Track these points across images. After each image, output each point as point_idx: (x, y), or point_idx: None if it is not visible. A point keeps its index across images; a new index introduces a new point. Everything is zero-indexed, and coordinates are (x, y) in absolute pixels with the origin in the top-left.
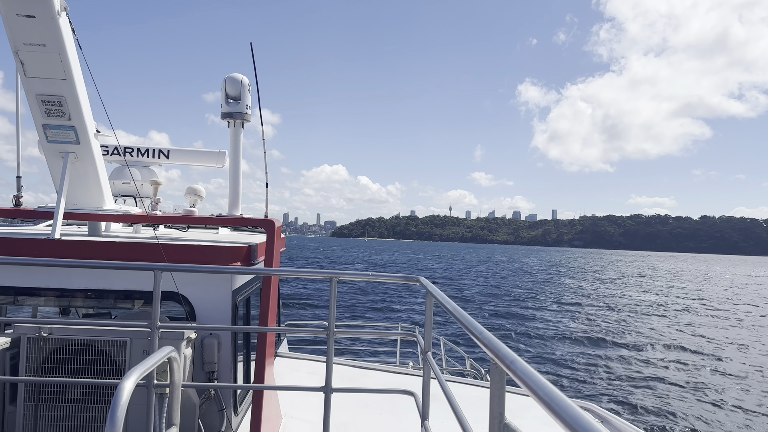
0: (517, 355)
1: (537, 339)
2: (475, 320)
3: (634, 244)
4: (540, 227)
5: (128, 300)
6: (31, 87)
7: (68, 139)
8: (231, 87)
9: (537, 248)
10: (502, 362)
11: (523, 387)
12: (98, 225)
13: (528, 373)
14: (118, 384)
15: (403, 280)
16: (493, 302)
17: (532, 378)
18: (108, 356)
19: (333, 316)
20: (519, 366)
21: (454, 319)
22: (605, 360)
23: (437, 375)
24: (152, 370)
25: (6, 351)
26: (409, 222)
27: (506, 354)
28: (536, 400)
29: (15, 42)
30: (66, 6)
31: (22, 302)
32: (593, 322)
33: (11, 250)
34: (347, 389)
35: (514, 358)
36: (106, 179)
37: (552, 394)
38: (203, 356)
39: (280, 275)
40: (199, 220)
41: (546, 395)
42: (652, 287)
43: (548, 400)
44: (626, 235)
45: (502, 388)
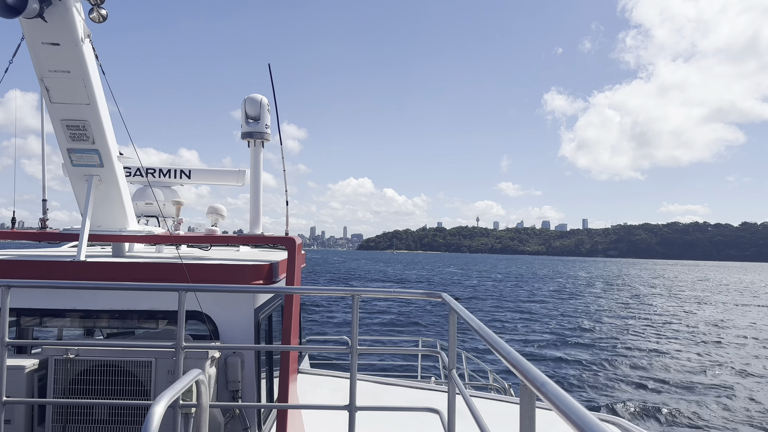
0: (547, 377)
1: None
2: (500, 338)
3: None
4: (572, 237)
5: (152, 320)
6: (56, 112)
7: (92, 163)
8: (250, 107)
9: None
10: (533, 384)
11: (555, 411)
12: (122, 246)
13: (560, 397)
14: (149, 408)
15: (426, 296)
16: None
17: (565, 402)
18: (134, 377)
19: (356, 334)
20: (550, 389)
21: (477, 335)
22: None
23: (462, 392)
24: None
25: (34, 373)
26: (437, 233)
27: (536, 376)
28: (569, 424)
29: (40, 69)
30: (89, 33)
31: (48, 324)
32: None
33: (38, 272)
34: (371, 407)
35: (544, 380)
36: (129, 200)
37: (585, 418)
38: (227, 375)
39: (303, 293)
40: (221, 239)
41: (579, 420)
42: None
43: (581, 425)
44: (663, 243)
45: (532, 411)
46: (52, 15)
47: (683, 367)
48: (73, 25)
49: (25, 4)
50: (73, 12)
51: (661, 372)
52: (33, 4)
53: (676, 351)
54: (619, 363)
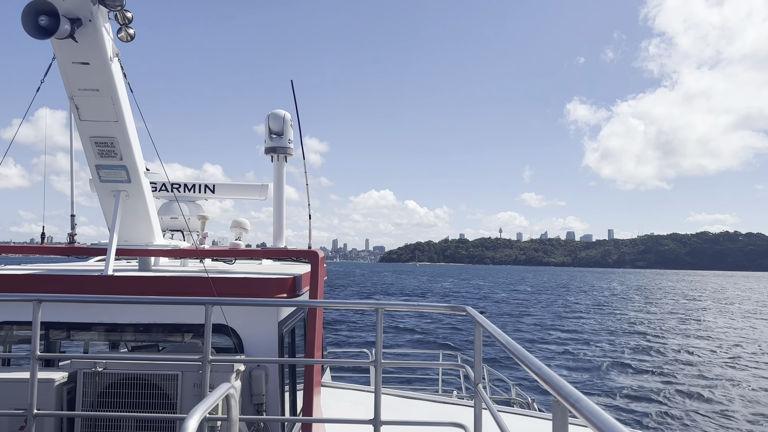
0: (581, 393)
1: None
2: (529, 353)
3: (701, 263)
4: (599, 248)
5: (177, 333)
6: (85, 129)
7: (120, 178)
8: (274, 123)
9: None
10: (566, 401)
11: (591, 428)
12: (148, 259)
13: (595, 413)
14: (182, 422)
15: (450, 309)
16: None
17: (600, 418)
18: (160, 390)
19: (380, 347)
20: (584, 405)
21: (504, 350)
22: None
23: (490, 407)
24: None
25: (63, 386)
26: (459, 245)
27: (569, 392)
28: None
29: (70, 87)
30: (118, 52)
31: (75, 337)
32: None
33: (67, 286)
34: (396, 422)
35: (578, 396)
36: (155, 215)
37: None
38: (251, 388)
39: (326, 307)
40: (245, 253)
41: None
42: None
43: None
44: (693, 254)
45: (564, 427)
46: (82, 35)
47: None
48: (102, 44)
49: (57, 25)
50: (102, 32)
51: (724, 399)
52: (65, 26)
53: (747, 375)
54: (668, 383)
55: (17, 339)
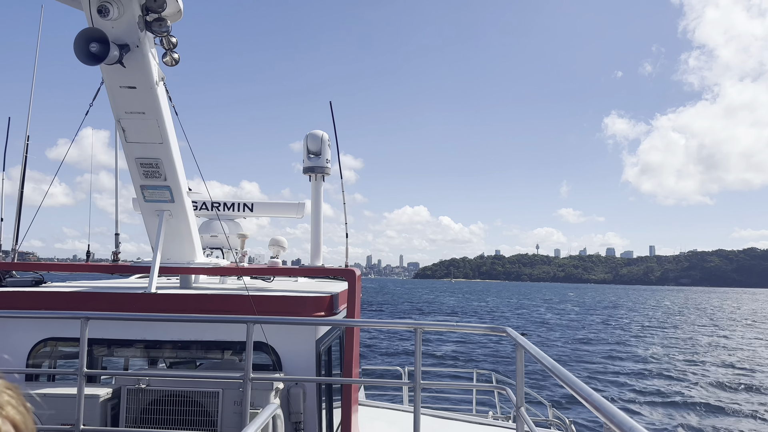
0: (634, 422)
1: None
2: (577, 378)
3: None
4: (641, 264)
5: (217, 350)
6: (131, 151)
7: (164, 198)
8: (312, 143)
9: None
10: (620, 429)
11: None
12: (189, 277)
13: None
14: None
15: (490, 330)
16: None
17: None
18: (201, 407)
19: (419, 368)
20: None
21: (550, 374)
22: None
23: (532, 430)
24: None
25: (107, 402)
26: (495, 261)
27: (623, 421)
28: None
29: (117, 111)
30: (163, 76)
31: (117, 353)
32: None
33: (113, 304)
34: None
35: (632, 425)
36: (197, 234)
37: None
38: (290, 406)
39: (365, 326)
40: (284, 271)
41: None
42: None
43: None
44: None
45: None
46: (130, 60)
47: None
48: (148, 69)
49: (107, 51)
50: (149, 57)
51: None
52: (114, 52)
53: None
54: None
55: (61, 355)
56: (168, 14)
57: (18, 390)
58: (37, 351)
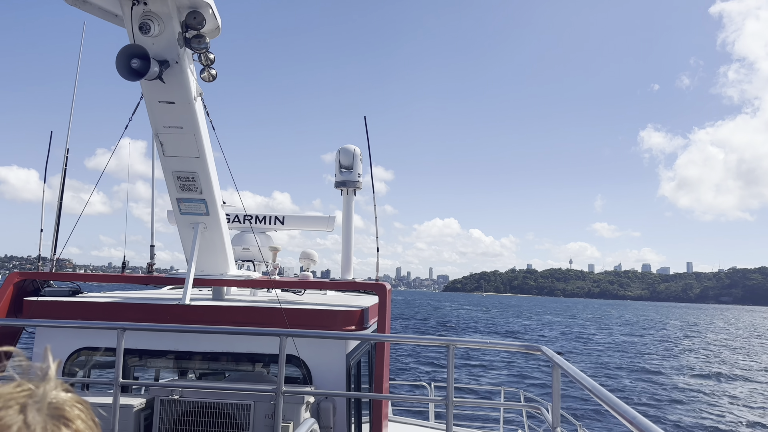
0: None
1: None
2: (617, 398)
3: None
4: (679, 281)
5: (248, 362)
6: (168, 165)
7: (199, 211)
8: (344, 157)
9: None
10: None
11: None
12: (222, 288)
13: None
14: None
15: (524, 349)
16: None
17: None
18: (233, 419)
19: (451, 385)
20: None
21: (590, 394)
22: None
23: None
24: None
25: (141, 412)
26: (527, 275)
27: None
28: None
29: (156, 125)
30: (201, 92)
31: (150, 364)
32: None
33: (148, 314)
34: None
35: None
36: (230, 246)
37: None
38: (320, 420)
39: (397, 341)
40: (315, 284)
41: None
42: None
43: None
44: None
45: None
46: (169, 76)
47: None
48: (187, 85)
49: (148, 67)
50: (188, 73)
51: None
52: (154, 68)
53: None
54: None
55: (96, 364)
56: (206, 31)
57: (88, 404)
58: (73, 360)
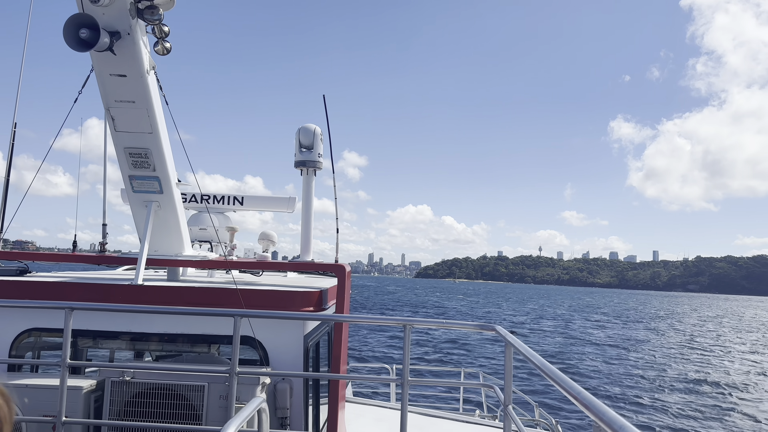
0: (625, 420)
1: None
2: (566, 376)
3: (760, 288)
4: (647, 269)
5: (204, 343)
6: (119, 140)
7: (152, 189)
8: (304, 136)
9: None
10: (610, 428)
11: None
12: (177, 270)
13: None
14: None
15: (479, 328)
16: None
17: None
18: (186, 401)
19: (407, 365)
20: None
21: (540, 372)
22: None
23: (520, 430)
24: None
25: (91, 393)
26: (499, 262)
27: (613, 419)
28: None
29: (107, 99)
30: (154, 65)
31: (102, 345)
32: None
33: (98, 295)
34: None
35: (622, 424)
36: (185, 226)
37: None
38: (276, 402)
39: (354, 322)
40: (272, 265)
41: None
42: None
43: None
44: (750, 278)
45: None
46: (120, 48)
47: None
48: (139, 57)
49: (97, 38)
50: (140, 45)
51: None
52: (104, 39)
53: None
54: None
55: (45, 345)
56: (160, 2)
57: (5, 391)
58: (20, 341)
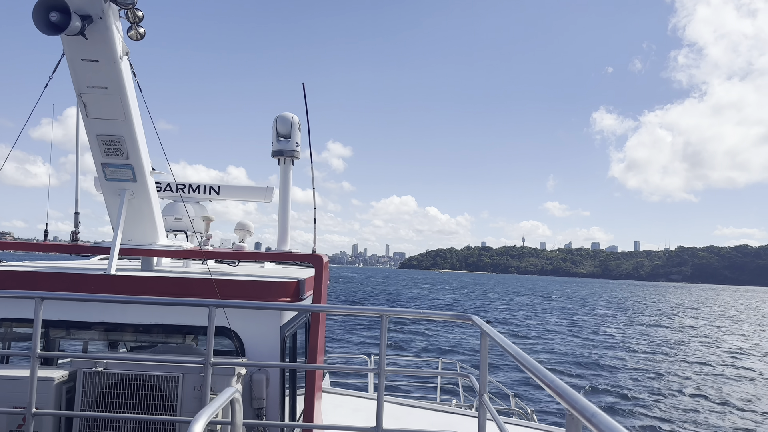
0: (597, 407)
1: None
2: (540, 365)
3: (742, 278)
4: (630, 259)
5: (179, 334)
6: (92, 127)
7: (126, 177)
8: (281, 125)
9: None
10: (581, 415)
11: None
12: (151, 260)
13: (612, 428)
14: (189, 426)
15: (455, 318)
16: None
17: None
18: (160, 392)
19: (383, 355)
20: (601, 420)
21: (515, 361)
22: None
23: (495, 418)
24: None
25: (62, 384)
26: (483, 253)
27: (585, 406)
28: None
29: (79, 85)
30: (127, 50)
31: (75, 335)
32: None
33: (69, 284)
34: (399, 430)
35: (594, 411)
36: (159, 215)
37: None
38: (252, 392)
39: (330, 312)
40: (249, 255)
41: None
42: None
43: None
44: (732, 268)
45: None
46: (92, 32)
47: None
48: (112, 42)
49: (68, 21)
50: (113, 30)
51: None
52: (75, 22)
53: None
54: None
55: (17, 336)
56: None
57: None
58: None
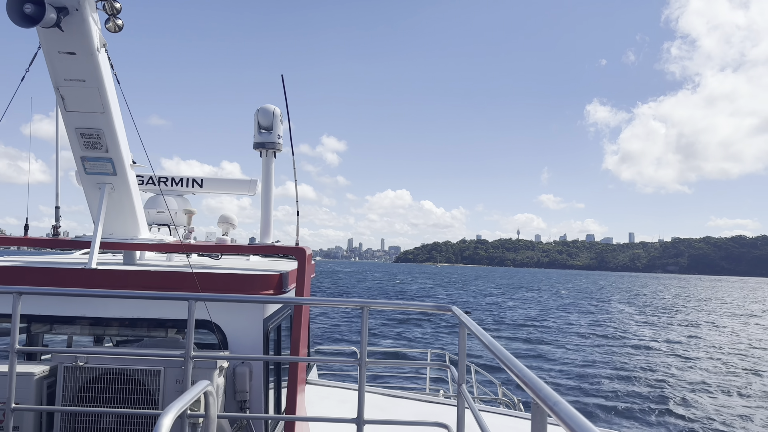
0: (560, 396)
1: None
2: (512, 355)
3: (739, 269)
4: (627, 251)
5: (161, 328)
6: (70, 121)
7: (105, 171)
8: (263, 117)
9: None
10: (545, 404)
11: (567, 430)
12: (133, 253)
13: (573, 417)
14: (157, 419)
15: (435, 309)
16: None
17: (578, 422)
18: (142, 385)
19: (365, 346)
20: (563, 408)
21: (487, 350)
22: None
23: (472, 407)
24: None
25: (43, 379)
26: (478, 246)
27: (548, 395)
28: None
29: (56, 78)
30: (105, 42)
31: (58, 330)
32: None
33: (50, 279)
34: (379, 421)
35: (557, 400)
36: (141, 209)
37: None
38: (235, 385)
39: (312, 304)
40: (231, 248)
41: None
42: None
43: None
44: (729, 259)
45: (543, 429)
46: (69, 25)
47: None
48: (89, 34)
49: (43, 13)
50: (89, 22)
51: None
52: (50, 14)
53: None
54: None
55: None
56: None
57: None
58: None
